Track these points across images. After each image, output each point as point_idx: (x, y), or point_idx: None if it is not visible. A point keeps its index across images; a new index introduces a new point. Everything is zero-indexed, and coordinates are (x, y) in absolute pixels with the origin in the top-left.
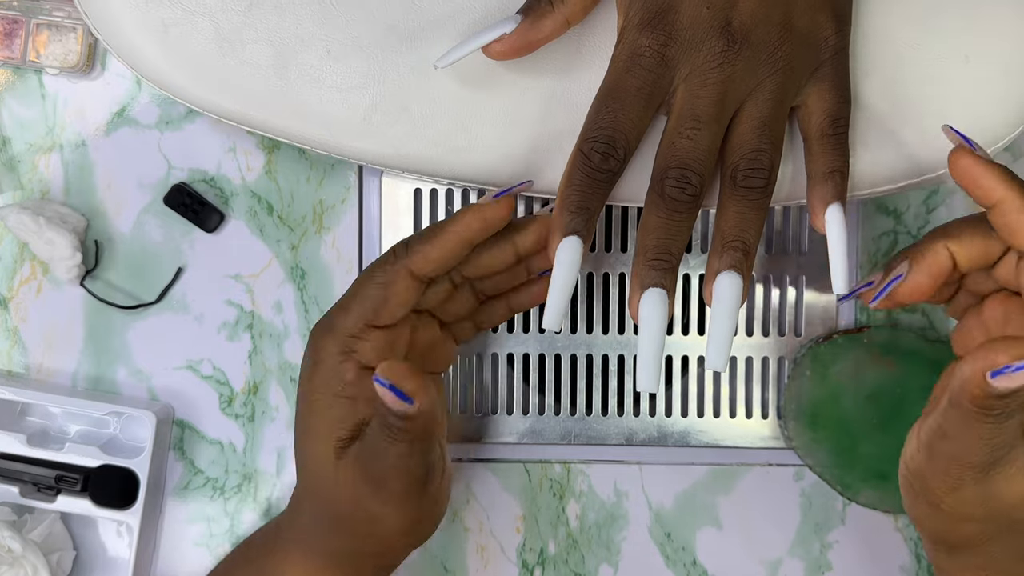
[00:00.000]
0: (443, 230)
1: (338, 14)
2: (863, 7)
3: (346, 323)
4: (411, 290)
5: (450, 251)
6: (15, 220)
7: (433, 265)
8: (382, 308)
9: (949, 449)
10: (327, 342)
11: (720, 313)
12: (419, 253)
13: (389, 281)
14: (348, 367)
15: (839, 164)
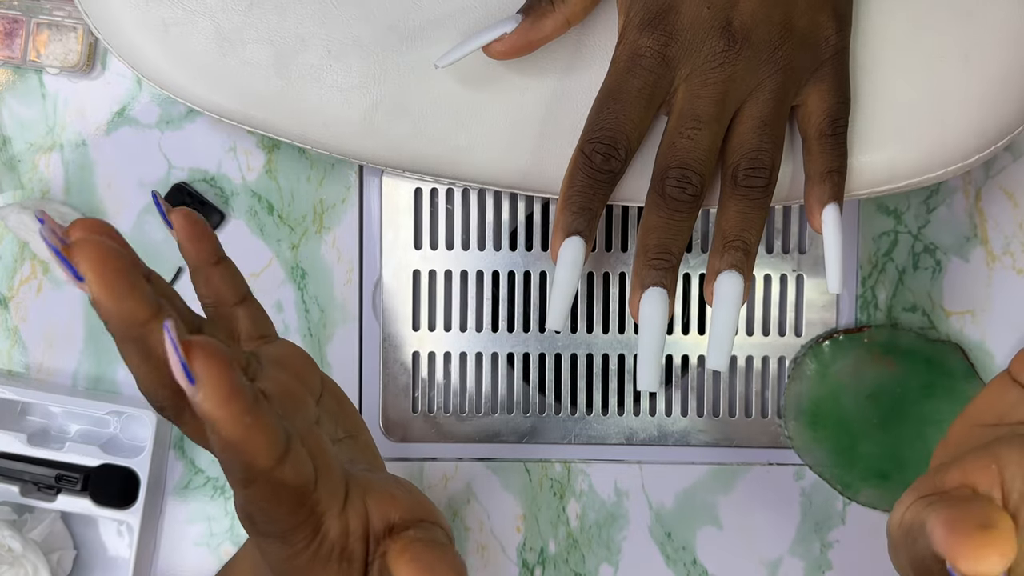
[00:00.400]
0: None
1: (339, 14)
2: (863, 7)
3: (301, 533)
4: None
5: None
6: (15, 219)
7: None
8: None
9: (920, 552)
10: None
11: (721, 313)
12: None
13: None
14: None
15: (837, 164)
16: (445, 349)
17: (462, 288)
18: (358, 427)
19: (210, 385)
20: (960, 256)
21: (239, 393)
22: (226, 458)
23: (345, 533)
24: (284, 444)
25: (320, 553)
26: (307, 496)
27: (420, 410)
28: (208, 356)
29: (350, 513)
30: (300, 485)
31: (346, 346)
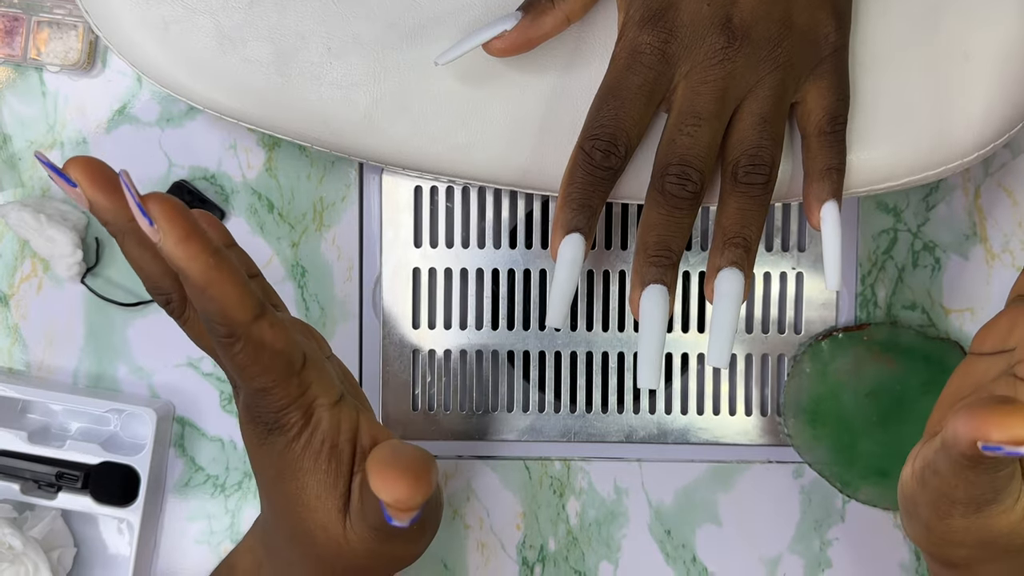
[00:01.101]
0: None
1: (339, 11)
2: (863, 5)
3: (280, 399)
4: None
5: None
6: (16, 217)
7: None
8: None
9: (939, 485)
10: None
11: (721, 310)
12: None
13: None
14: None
15: (836, 162)
16: (445, 347)
17: (462, 286)
18: (362, 399)
19: (166, 223)
20: (960, 254)
21: (197, 233)
22: (202, 308)
23: (337, 428)
24: (258, 302)
25: (312, 444)
26: (294, 367)
27: (420, 408)
28: (162, 200)
29: (343, 413)
30: (284, 351)
31: (346, 344)
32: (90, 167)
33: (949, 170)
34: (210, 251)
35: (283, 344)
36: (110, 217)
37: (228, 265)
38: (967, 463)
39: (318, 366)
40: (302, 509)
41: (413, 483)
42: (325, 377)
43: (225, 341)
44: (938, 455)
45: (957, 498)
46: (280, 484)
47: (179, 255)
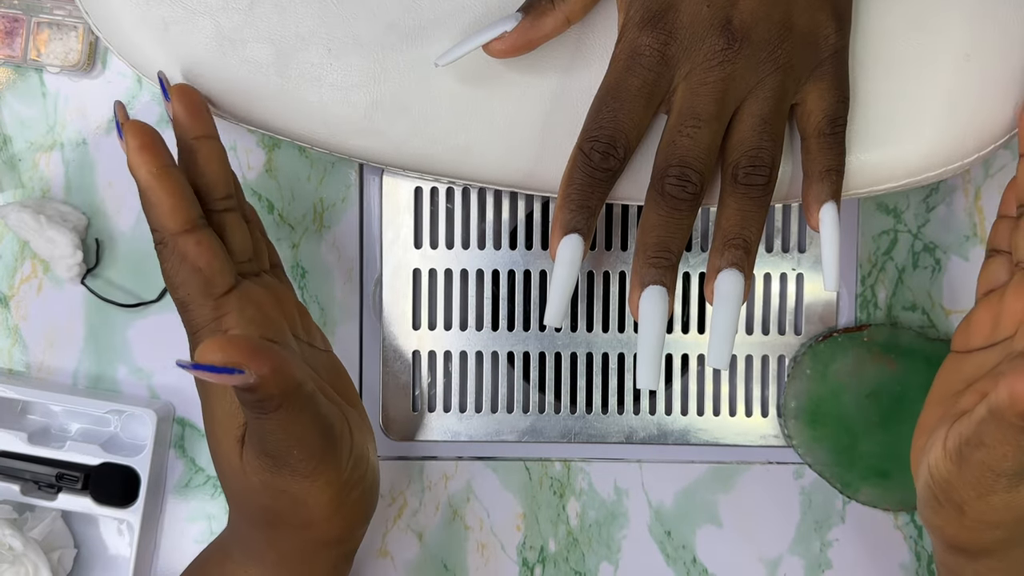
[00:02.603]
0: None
1: (339, 12)
2: (863, 6)
3: (196, 318)
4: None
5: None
6: (16, 218)
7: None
8: (204, 278)
9: (983, 458)
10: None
11: (721, 311)
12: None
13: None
14: None
15: (835, 163)
16: (445, 348)
17: (462, 287)
18: (352, 395)
19: (130, 135)
20: (960, 255)
21: (154, 146)
22: (146, 213)
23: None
24: (191, 218)
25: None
26: (212, 290)
27: (420, 409)
28: (135, 122)
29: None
30: (203, 269)
31: (346, 345)
32: (188, 97)
33: (949, 171)
34: (158, 163)
35: (205, 263)
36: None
37: (171, 177)
38: (1022, 425)
39: (247, 304)
40: (212, 440)
41: (223, 346)
42: (252, 316)
43: (158, 248)
44: (983, 426)
45: (1004, 469)
46: (204, 415)
47: (133, 162)
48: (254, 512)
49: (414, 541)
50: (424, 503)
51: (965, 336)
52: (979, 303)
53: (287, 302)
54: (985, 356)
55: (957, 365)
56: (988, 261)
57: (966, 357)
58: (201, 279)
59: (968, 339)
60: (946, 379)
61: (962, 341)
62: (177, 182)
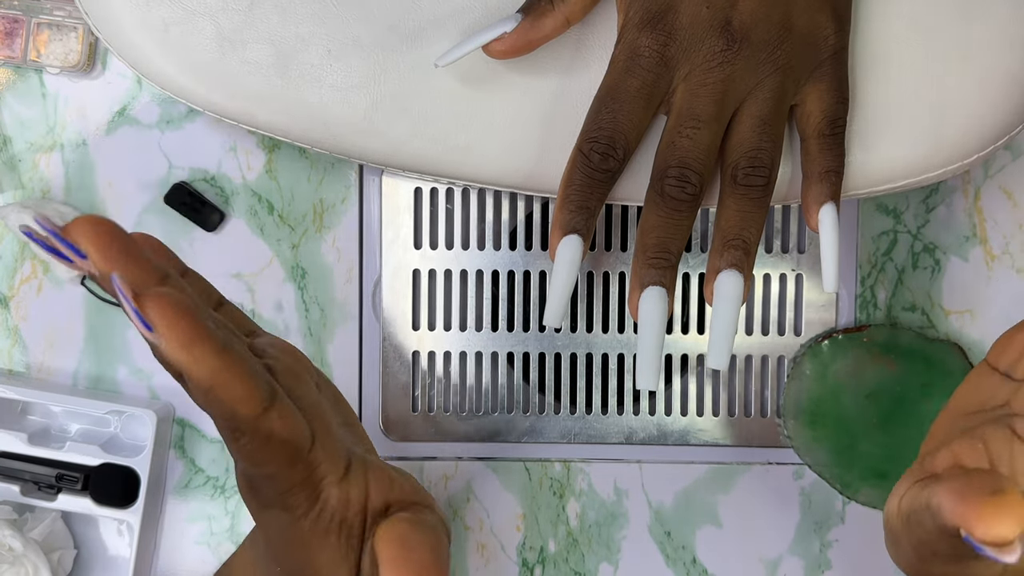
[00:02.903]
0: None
1: (339, 14)
2: (862, 7)
3: (285, 483)
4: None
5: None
6: (16, 219)
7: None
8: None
9: (922, 535)
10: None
11: (721, 312)
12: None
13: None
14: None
15: (835, 164)
16: (445, 348)
17: (462, 287)
18: (354, 419)
19: (166, 328)
20: (959, 255)
21: (202, 335)
22: (208, 408)
23: (346, 503)
24: (267, 393)
25: (320, 521)
26: (302, 452)
27: (420, 409)
28: (160, 301)
29: (351, 484)
30: (292, 439)
31: (346, 346)
32: (100, 234)
33: (949, 172)
34: (216, 350)
35: (292, 433)
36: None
37: (237, 362)
38: (950, 532)
39: (325, 439)
40: (312, 574)
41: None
42: (333, 449)
43: (230, 435)
44: (923, 512)
45: (939, 550)
46: (286, 550)
47: (183, 360)
48: None
49: None
50: None
51: (999, 351)
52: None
53: (295, 356)
54: (1000, 385)
55: (980, 379)
56: None
57: (990, 374)
58: (291, 449)
59: (999, 356)
60: (967, 390)
61: (995, 355)
62: (241, 357)
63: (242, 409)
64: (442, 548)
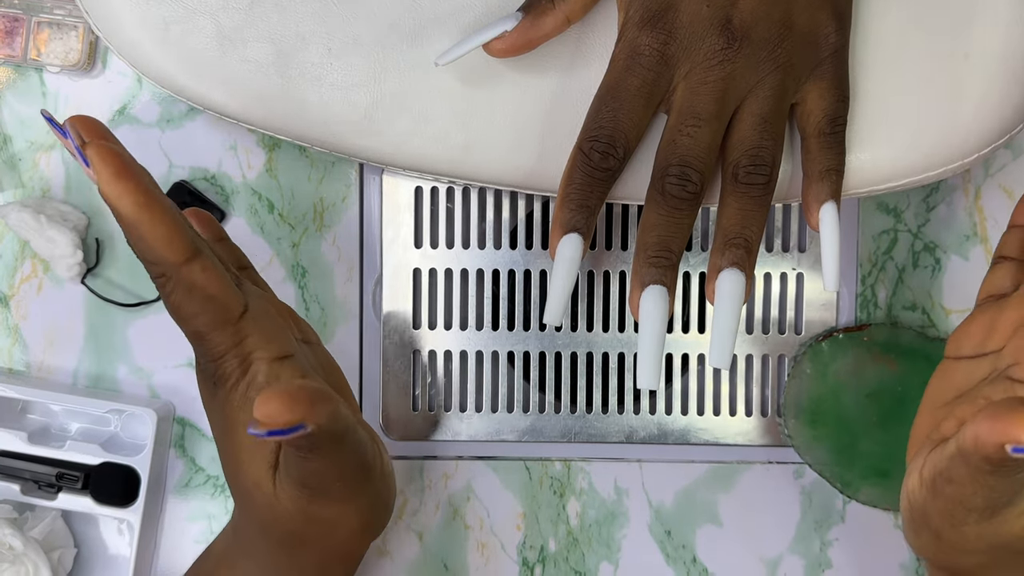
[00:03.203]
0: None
1: (339, 12)
2: (863, 6)
3: (216, 347)
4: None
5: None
6: (16, 218)
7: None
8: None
9: (953, 492)
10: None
11: (723, 311)
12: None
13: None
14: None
15: (835, 163)
16: (445, 347)
17: (462, 286)
18: (344, 384)
19: (99, 162)
20: (960, 254)
21: (128, 172)
22: (135, 247)
23: (275, 382)
24: (191, 244)
25: (248, 397)
26: (230, 315)
27: (420, 408)
28: (101, 146)
29: (284, 369)
30: (217, 295)
31: (346, 344)
32: (85, 124)
33: (949, 171)
34: (141, 190)
35: (216, 289)
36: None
37: (159, 205)
38: (989, 468)
39: (261, 319)
40: (238, 465)
41: (287, 403)
42: (268, 331)
43: (158, 281)
44: (953, 463)
45: (974, 505)
46: (224, 441)
47: (110, 192)
48: (280, 535)
49: (414, 541)
50: (424, 503)
51: (957, 343)
52: (976, 309)
53: (277, 302)
54: (975, 366)
55: (948, 372)
56: (994, 268)
57: (956, 364)
58: (216, 307)
59: (959, 346)
60: (937, 387)
61: (954, 348)
62: (166, 206)
63: (163, 250)
64: (321, 392)
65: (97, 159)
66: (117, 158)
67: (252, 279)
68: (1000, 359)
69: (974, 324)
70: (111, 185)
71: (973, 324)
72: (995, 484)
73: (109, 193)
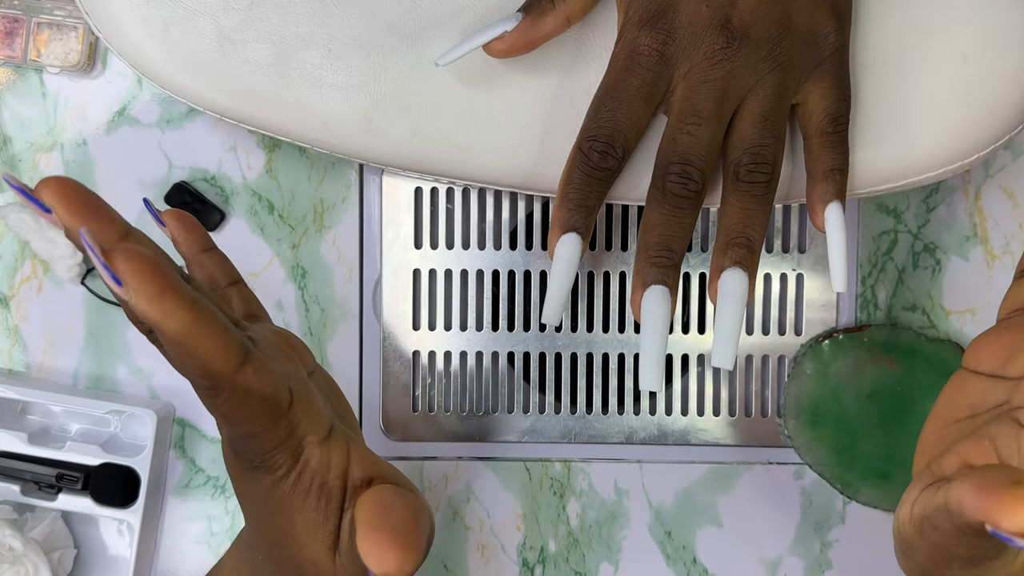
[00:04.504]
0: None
1: (339, 13)
2: (863, 6)
3: (268, 442)
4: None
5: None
6: (16, 219)
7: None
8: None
9: (939, 540)
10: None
11: (726, 310)
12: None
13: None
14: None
15: (839, 163)
16: (445, 348)
17: (462, 287)
18: (347, 411)
19: (136, 281)
20: (960, 255)
21: (172, 288)
22: (183, 365)
23: (327, 465)
24: (241, 349)
25: (301, 482)
26: (282, 409)
27: (420, 409)
28: (128, 255)
29: (333, 448)
30: (270, 395)
31: (346, 345)
32: (64, 191)
33: (949, 171)
34: (188, 305)
35: (269, 389)
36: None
37: (208, 316)
38: (972, 532)
39: (306, 400)
40: (291, 544)
41: (403, 552)
42: (313, 411)
43: (207, 393)
44: (940, 513)
45: (957, 555)
46: (267, 518)
47: (152, 314)
48: None
49: None
50: None
51: (976, 356)
52: (1001, 323)
53: (278, 332)
54: (991, 387)
55: (963, 385)
56: (1018, 282)
57: (974, 379)
58: (271, 406)
59: (979, 360)
60: (951, 397)
61: (973, 360)
62: (215, 315)
63: (216, 364)
64: (423, 514)
65: (130, 275)
66: (156, 270)
67: (242, 295)
68: (1017, 392)
69: (998, 341)
70: (154, 306)
71: (997, 340)
72: (978, 544)
73: (152, 315)
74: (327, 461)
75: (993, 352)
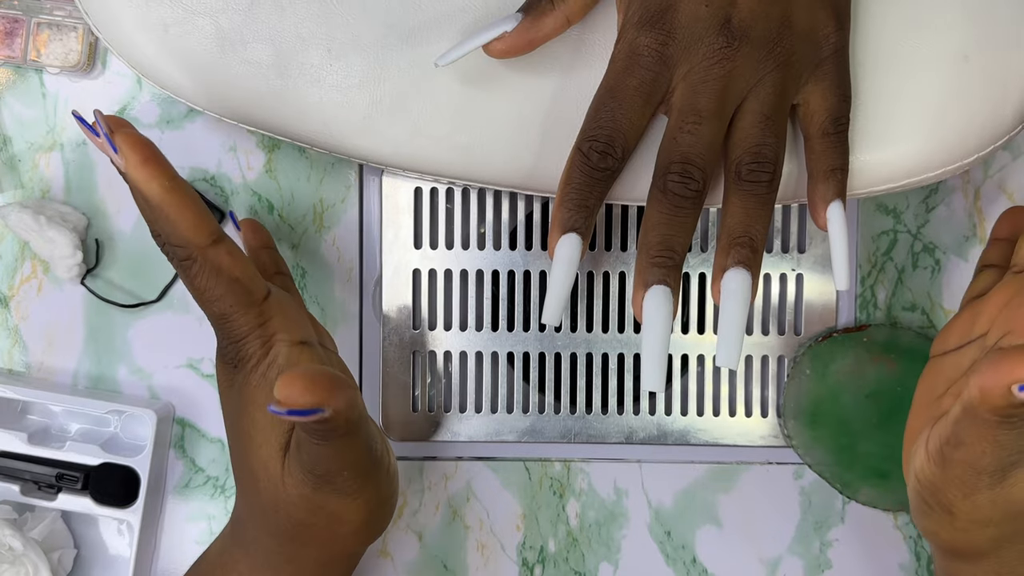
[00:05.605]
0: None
1: (339, 13)
2: (863, 6)
3: (240, 327)
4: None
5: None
6: (16, 219)
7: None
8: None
9: (963, 456)
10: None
11: (729, 310)
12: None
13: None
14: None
15: (840, 162)
16: (445, 348)
17: (462, 287)
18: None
19: (127, 148)
20: (959, 255)
21: (155, 158)
22: (162, 231)
23: (295, 365)
24: (216, 229)
25: (267, 378)
26: (254, 297)
27: (420, 409)
28: (128, 135)
29: (304, 353)
30: (241, 278)
31: (346, 345)
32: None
33: (949, 172)
34: (167, 175)
35: (241, 272)
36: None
37: (185, 189)
38: (996, 420)
39: (284, 306)
40: (250, 444)
41: (308, 385)
42: (290, 317)
43: (183, 264)
44: (960, 424)
45: (984, 466)
46: (237, 422)
47: (138, 177)
48: (281, 525)
49: (414, 541)
50: (424, 503)
51: (943, 340)
52: (961, 309)
53: (302, 305)
54: (962, 355)
55: (937, 368)
56: (978, 275)
57: (943, 359)
58: (240, 288)
59: (945, 342)
60: (928, 384)
61: (939, 345)
62: (191, 192)
63: (188, 232)
64: (340, 380)
65: (126, 146)
66: (145, 145)
67: (284, 285)
68: (987, 340)
69: (957, 320)
70: (139, 170)
71: (956, 320)
72: (1004, 440)
73: (137, 177)
74: (296, 361)
75: (956, 330)
